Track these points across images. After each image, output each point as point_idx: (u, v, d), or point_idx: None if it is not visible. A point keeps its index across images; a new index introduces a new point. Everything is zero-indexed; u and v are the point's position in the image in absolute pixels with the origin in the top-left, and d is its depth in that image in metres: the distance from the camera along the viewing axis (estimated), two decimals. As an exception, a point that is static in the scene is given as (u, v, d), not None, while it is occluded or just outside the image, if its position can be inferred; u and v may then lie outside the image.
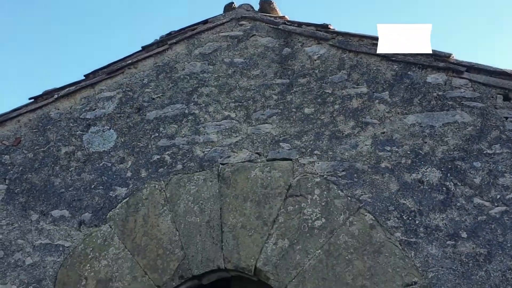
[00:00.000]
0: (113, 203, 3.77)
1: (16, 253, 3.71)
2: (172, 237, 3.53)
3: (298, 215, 3.39)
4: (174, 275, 3.40)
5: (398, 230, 3.16)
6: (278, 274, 3.25)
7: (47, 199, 3.91)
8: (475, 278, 2.91)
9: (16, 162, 4.15)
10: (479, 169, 3.19)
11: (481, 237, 3.01)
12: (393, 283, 3.01)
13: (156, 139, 3.97)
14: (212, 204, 3.58)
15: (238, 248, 3.39)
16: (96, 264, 3.55)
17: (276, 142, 3.68)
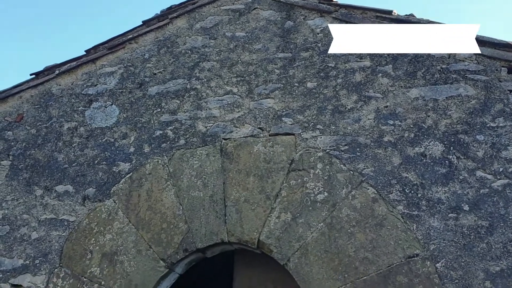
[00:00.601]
0: (116, 178, 3.79)
1: (21, 228, 3.75)
2: (176, 211, 3.55)
3: (300, 189, 3.40)
4: (178, 249, 3.44)
5: (400, 204, 3.17)
6: (281, 247, 3.28)
7: (51, 175, 3.93)
8: (476, 250, 2.94)
9: (19, 138, 4.16)
10: (482, 142, 3.19)
11: (483, 209, 3.02)
12: (395, 255, 3.04)
13: (158, 114, 3.97)
14: (215, 178, 3.60)
15: (241, 222, 3.42)
16: (101, 238, 3.59)
17: (278, 117, 3.68)
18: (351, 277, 3.06)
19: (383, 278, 3.00)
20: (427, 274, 2.94)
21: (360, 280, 3.04)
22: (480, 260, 2.91)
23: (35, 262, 3.59)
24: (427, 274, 2.94)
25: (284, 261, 3.24)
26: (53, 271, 3.54)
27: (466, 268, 2.90)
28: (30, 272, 3.56)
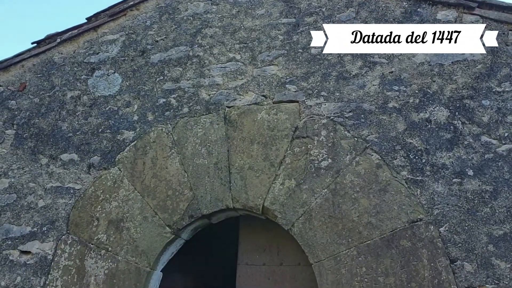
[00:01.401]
0: (121, 146, 3.79)
1: (28, 196, 3.78)
2: (181, 179, 3.57)
3: (304, 156, 3.41)
4: (184, 215, 3.47)
5: (405, 169, 3.18)
6: (285, 213, 3.30)
7: (55, 143, 3.94)
8: (480, 214, 2.95)
9: (22, 107, 4.15)
10: (487, 107, 3.17)
11: (487, 174, 3.03)
12: (398, 220, 3.07)
13: (161, 82, 3.94)
14: (220, 146, 3.60)
15: (246, 188, 3.44)
16: (107, 206, 3.62)
17: (282, 84, 3.65)
18: (355, 242, 3.10)
19: (387, 243, 3.04)
20: (430, 238, 2.97)
21: (363, 244, 3.08)
22: (484, 224, 2.93)
23: (42, 229, 3.64)
24: (431, 238, 2.96)
25: (289, 226, 3.27)
26: (61, 238, 3.59)
27: (469, 232, 2.93)
28: (38, 239, 3.61)
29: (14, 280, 3.51)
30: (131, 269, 3.39)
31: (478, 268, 2.83)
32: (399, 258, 2.98)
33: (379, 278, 2.97)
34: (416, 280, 2.90)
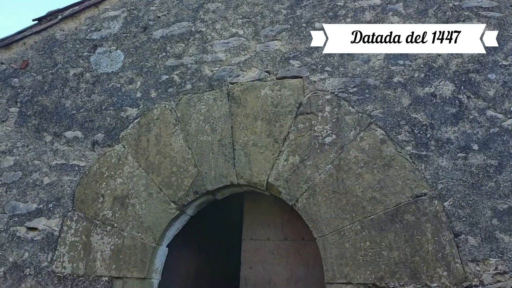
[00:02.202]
0: (124, 123, 3.79)
1: (33, 173, 3.80)
2: (185, 155, 3.58)
3: (308, 132, 3.40)
4: (189, 191, 3.49)
5: (409, 144, 3.16)
6: (290, 188, 3.31)
7: (59, 121, 3.94)
8: (484, 188, 2.95)
9: (25, 85, 4.14)
10: (493, 81, 3.14)
11: (492, 148, 3.01)
12: (402, 195, 3.07)
13: (163, 58, 3.91)
14: (223, 123, 3.59)
15: (250, 165, 3.44)
16: (112, 182, 3.64)
17: (286, 59, 3.61)
18: (359, 216, 3.11)
19: (391, 217, 3.05)
20: (434, 212, 2.97)
21: (367, 219, 3.09)
22: (488, 198, 2.93)
23: (48, 206, 3.67)
24: (435, 213, 2.97)
25: (293, 202, 3.28)
26: (67, 214, 3.62)
27: (473, 206, 2.93)
28: (45, 215, 3.65)
29: (22, 256, 3.56)
30: (137, 245, 3.43)
31: (482, 242, 2.85)
32: (403, 232, 2.99)
33: (383, 252, 2.99)
34: (420, 254, 2.92)
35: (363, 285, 2.96)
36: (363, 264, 3.00)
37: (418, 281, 2.87)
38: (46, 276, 3.47)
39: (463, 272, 2.82)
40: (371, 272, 2.97)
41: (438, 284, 2.83)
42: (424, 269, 2.88)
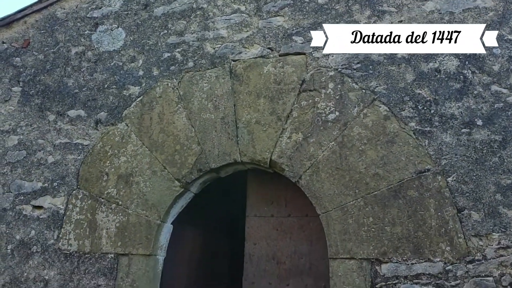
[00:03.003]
0: (127, 101, 3.78)
1: (38, 153, 3.82)
2: (188, 134, 3.58)
3: (311, 109, 3.38)
4: (193, 169, 3.50)
5: (413, 120, 3.15)
6: (293, 166, 3.32)
7: (62, 100, 3.93)
8: (488, 164, 2.95)
9: (27, 64, 4.13)
10: (498, 55, 3.10)
11: (496, 124, 3.00)
12: (405, 171, 3.07)
13: (165, 36, 3.88)
14: (226, 101, 3.58)
15: (253, 143, 3.44)
16: (115, 161, 3.65)
17: (288, 35, 3.58)
18: (362, 192, 3.12)
19: (394, 193, 3.05)
20: (438, 188, 2.98)
21: (370, 195, 3.10)
22: (492, 173, 2.93)
23: (53, 185, 3.69)
24: (438, 188, 2.98)
25: (296, 179, 3.29)
26: (71, 193, 3.65)
27: (477, 182, 2.93)
28: (50, 194, 3.67)
29: (28, 234, 3.60)
30: (142, 222, 3.46)
31: (485, 217, 2.86)
32: (406, 208, 3.00)
33: (386, 227, 3.01)
34: (423, 229, 2.93)
35: (366, 260, 2.99)
36: (366, 239, 3.02)
37: (421, 256, 2.89)
38: (53, 253, 3.51)
39: (466, 247, 2.84)
40: (374, 247, 2.99)
41: (441, 259, 2.85)
42: (427, 244, 2.90)
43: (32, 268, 3.51)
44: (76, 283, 3.41)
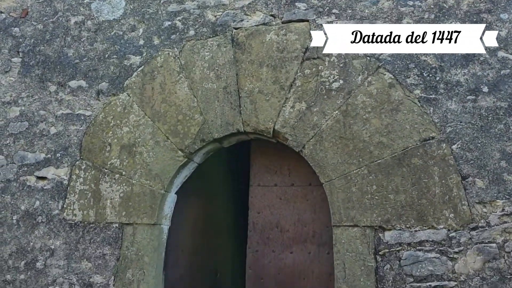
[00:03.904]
0: (128, 71, 3.74)
1: (40, 124, 3.80)
2: (190, 104, 3.55)
3: (315, 78, 3.35)
4: (196, 139, 3.49)
5: (418, 88, 3.12)
6: (296, 135, 3.30)
7: (62, 71, 3.89)
8: (493, 131, 2.93)
9: (26, 34, 4.07)
10: (505, 21, 3.04)
11: (502, 90, 2.96)
12: (410, 139, 3.05)
13: (165, 4, 3.81)
14: (228, 70, 3.54)
15: (256, 112, 3.42)
16: (118, 131, 3.64)
17: (291, 2, 3.51)
18: (366, 161, 3.11)
19: (398, 161, 3.04)
20: (442, 156, 2.97)
21: (374, 163, 3.09)
22: (497, 141, 2.91)
23: (56, 156, 3.69)
24: (442, 156, 2.96)
25: (299, 148, 3.28)
26: (75, 163, 3.64)
27: (482, 149, 2.92)
28: (53, 165, 3.67)
29: (33, 205, 3.62)
30: (146, 192, 3.47)
31: (490, 184, 2.85)
32: (410, 176, 3.00)
33: (389, 195, 3.01)
34: (427, 197, 2.93)
35: (369, 227, 3.00)
36: (369, 207, 3.03)
37: (425, 223, 2.90)
38: (58, 223, 3.54)
39: (469, 214, 2.84)
40: (377, 215, 3.00)
41: (445, 226, 2.87)
42: (431, 212, 2.91)
43: (38, 238, 3.54)
44: (82, 252, 3.45)
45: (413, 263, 2.87)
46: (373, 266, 2.93)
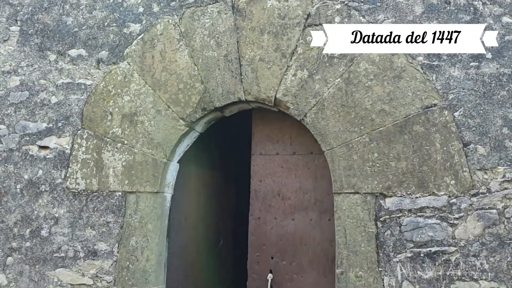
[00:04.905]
0: (128, 40, 3.70)
1: (40, 93, 3.78)
2: (191, 72, 3.53)
3: (317, 45, 3.31)
4: (197, 108, 3.48)
5: (420, 54, 3.08)
6: (298, 104, 3.29)
7: (62, 39, 3.85)
8: (496, 97, 2.91)
9: (24, 2, 4.00)
10: (512, -15, 2.98)
11: (506, 57, 2.93)
12: (412, 106, 3.04)
13: (165, -30, 3.74)
14: (229, 37, 3.50)
15: (258, 81, 3.40)
16: (119, 100, 3.63)
17: (293, -33, 3.43)
18: (367, 129, 3.11)
19: (399, 128, 3.04)
20: (444, 123, 2.96)
21: (376, 131, 3.09)
22: (500, 107, 2.90)
23: (58, 125, 3.69)
24: (444, 123, 2.96)
25: (301, 117, 3.28)
26: (76, 132, 3.65)
27: (484, 116, 2.91)
28: (55, 134, 3.68)
29: (36, 174, 3.64)
30: (148, 161, 3.48)
31: (491, 151, 2.86)
32: (411, 143, 3.00)
33: (390, 162, 3.02)
34: (428, 164, 2.94)
35: (370, 194, 3.03)
36: (370, 174, 3.05)
37: (426, 189, 2.92)
38: (61, 192, 3.57)
39: (470, 181, 2.86)
40: (378, 182, 3.02)
41: (445, 192, 2.88)
42: (432, 178, 2.92)
43: (42, 206, 3.58)
44: (86, 220, 3.49)
45: (413, 229, 2.90)
46: (374, 232, 2.97)
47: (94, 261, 3.43)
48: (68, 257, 3.48)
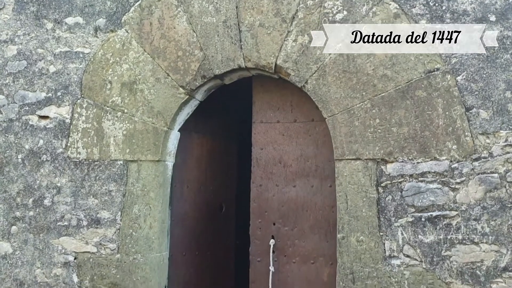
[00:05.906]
0: (125, 7, 3.63)
1: (38, 62, 3.74)
2: (190, 39, 3.48)
3: (318, 9, 3.25)
4: (197, 75, 3.44)
5: (424, 18, 3.03)
6: (299, 70, 3.26)
7: (58, 7, 3.78)
8: (499, 61, 2.88)
9: (18, -31, 3.91)
10: None
11: (510, 19, 2.89)
12: (414, 71, 3.01)
13: None
14: (227, 2, 3.43)
15: (258, 47, 3.35)
16: (118, 69, 3.59)
17: None
18: (369, 95, 3.08)
19: (401, 94, 3.02)
20: (446, 87, 2.93)
21: (378, 97, 3.07)
22: (503, 71, 2.86)
23: (57, 94, 3.66)
24: (447, 88, 2.93)
25: (302, 84, 3.25)
26: (76, 102, 3.62)
27: (487, 80, 2.88)
28: (54, 103, 3.66)
29: (37, 143, 3.63)
30: (149, 129, 3.47)
31: (494, 115, 2.84)
32: (413, 108, 2.98)
33: (392, 128, 3.01)
34: (430, 129, 2.93)
35: (372, 160, 3.03)
36: (372, 140, 3.04)
37: (427, 154, 2.92)
38: (63, 161, 3.57)
39: (472, 145, 2.85)
40: (380, 148, 3.02)
41: (447, 157, 2.88)
42: (434, 143, 2.92)
43: (43, 176, 3.59)
44: (88, 189, 3.51)
45: (414, 194, 2.92)
46: (375, 197, 2.99)
47: (97, 229, 3.47)
48: (71, 225, 3.51)
